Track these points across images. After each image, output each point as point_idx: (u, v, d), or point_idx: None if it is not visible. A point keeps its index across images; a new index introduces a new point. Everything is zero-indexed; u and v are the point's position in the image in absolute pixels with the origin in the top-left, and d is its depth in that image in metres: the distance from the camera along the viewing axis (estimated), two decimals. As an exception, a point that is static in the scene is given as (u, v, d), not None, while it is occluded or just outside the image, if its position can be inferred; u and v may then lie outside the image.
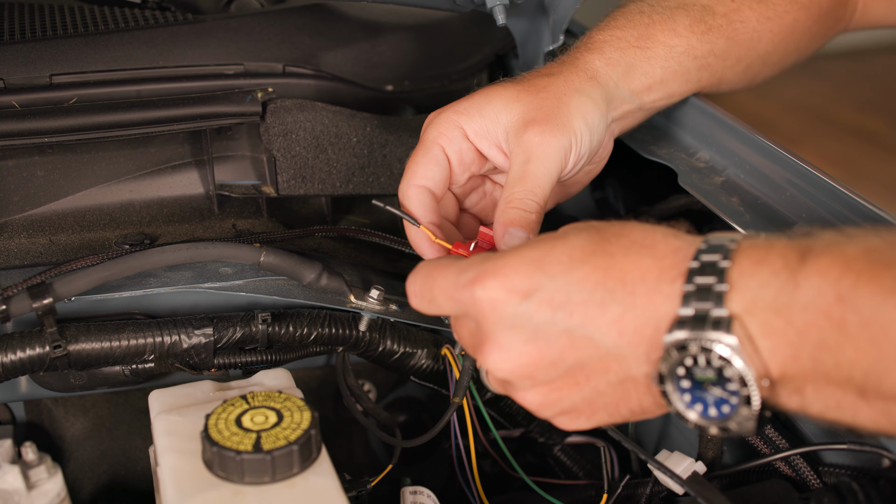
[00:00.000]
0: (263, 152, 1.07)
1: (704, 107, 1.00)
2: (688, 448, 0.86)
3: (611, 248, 0.63)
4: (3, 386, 0.92)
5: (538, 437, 1.03)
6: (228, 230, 1.05)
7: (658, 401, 0.63)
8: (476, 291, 0.65)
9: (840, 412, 0.56)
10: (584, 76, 0.88)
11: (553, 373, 0.64)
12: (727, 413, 0.59)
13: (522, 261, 0.64)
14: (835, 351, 0.54)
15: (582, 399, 0.65)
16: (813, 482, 0.77)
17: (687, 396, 0.60)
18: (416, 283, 0.72)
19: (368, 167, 1.09)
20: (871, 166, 3.64)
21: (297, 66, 1.10)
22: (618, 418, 0.67)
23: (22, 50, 1.03)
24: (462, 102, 0.86)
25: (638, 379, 0.63)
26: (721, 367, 0.58)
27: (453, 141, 0.85)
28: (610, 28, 0.93)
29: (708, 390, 0.59)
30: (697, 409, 0.60)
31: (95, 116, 1.00)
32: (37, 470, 0.72)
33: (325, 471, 0.72)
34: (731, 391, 0.58)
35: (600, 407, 0.66)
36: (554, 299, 0.62)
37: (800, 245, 0.57)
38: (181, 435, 0.76)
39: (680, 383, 0.60)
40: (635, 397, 0.64)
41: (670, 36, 0.93)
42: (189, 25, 1.11)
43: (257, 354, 0.94)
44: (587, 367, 0.63)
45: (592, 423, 0.68)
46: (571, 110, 0.84)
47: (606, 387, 0.64)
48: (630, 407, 0.65)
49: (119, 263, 0.87)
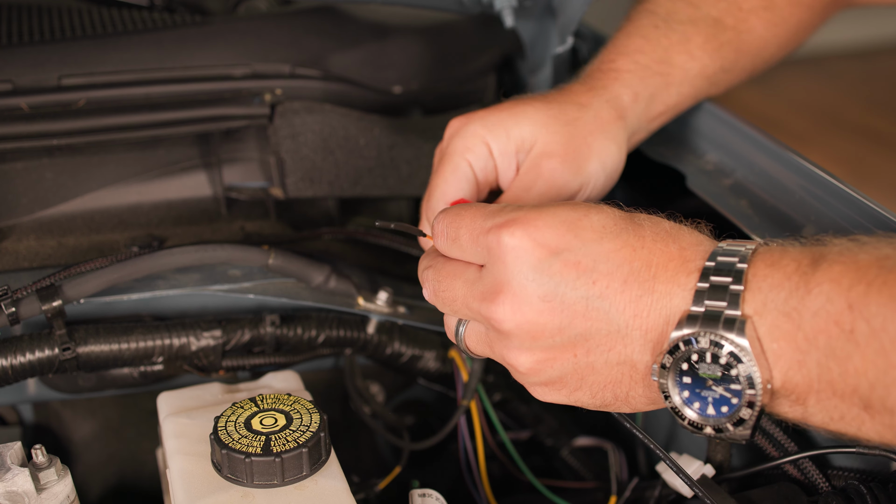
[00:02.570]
0: (271, 154, 1.07)
1: (713, 109, 1.00)
2: (696, 451, 0.85)
3: (642, 230, 0.63)
4: (12, 388, 0.92)
5: (546, 439, 1.03)
6: (237, 232, 1.05)
7: (650, 394, 0.63)
8: (503, 236, 0.63)
9: (843, 424, 0.56)
10: (613, 114, 0.88)
11: (557, 339, 0.63)
12: (725, 413, 0.59)
13: (556, 218, 0.63)
14: (842, 359, 0.54)
15: (573, 370, 0.64)
16: (822, 485, 0.77)
17: (686, 393, 0.60)
18: (443, 222, 0.69)
19: (376, 169, 1.09)
20: (880, 166, 3.63)
21: (305, 68, 1.10)
22: (597, 402, 0.65)
23: (31, 52, 1.04)
24: (489, 116, 0.85)
25: (637, 366, 0.62)
26: (728, 364, 0.57)
27: (480, 158, 0.85)
28: (631, 52, 0.93)
29: (710, 388, 0.59)
30: (695, 407, 0.60)
31: (104, 118, 1.00)
32: (46, 472, 0.72)
33: (334, 473, 0.72)
34: (734, 391, 0.58)
35: (587, 384, 0.64)
36: (581, 263, 0.61)
37: (813, 251, 0.57)
38: (190, 437, 0.76)
39: (682, 378, 0.59)
40: (626, 384, 0.63)
41: (687, 59, 0.94)
42: (197, 27, 1.12)
43: (266, 356, 0.94)
44: (591, 341, 0.62)
45: (569, 400, 0.66)
46: (593, 152, 0.85)
47: (603, 365, 0.63)
48: (616, 393, 0.64)
49: (128, 266, 0.87)
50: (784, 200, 0.89)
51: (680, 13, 0.97)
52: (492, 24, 1.23)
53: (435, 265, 0.70)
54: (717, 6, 0.97)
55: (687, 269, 0.60)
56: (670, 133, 1.05)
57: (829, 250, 0.57)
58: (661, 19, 0.96)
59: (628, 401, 0.64)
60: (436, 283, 0.69)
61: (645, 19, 0.97)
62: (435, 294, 0.70)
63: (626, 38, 0.96)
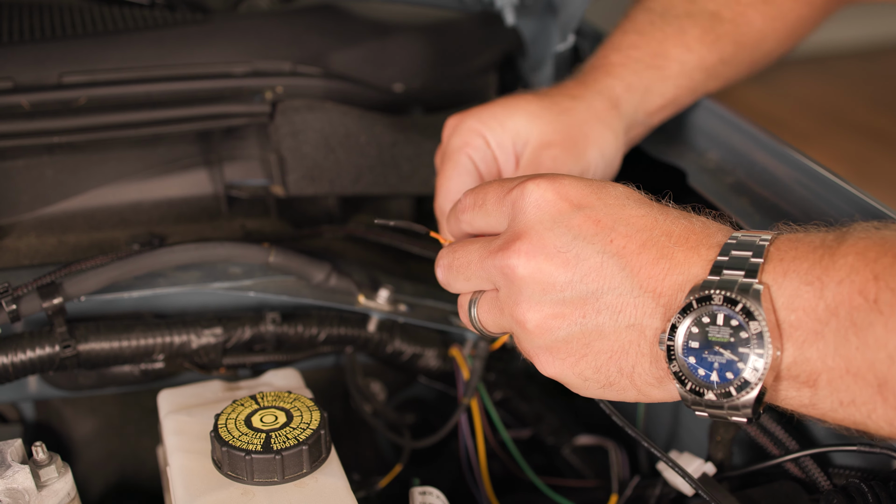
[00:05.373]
0: (272, 152, 1.07)
1: (714, 107, 1.00)
2: (697, 450, 0.85)
3: (665, 207, 0.64)
4: (13, 386, 0.92)
5: (547, 437, 1.03)
6: (237, 230, 1.05)
7: (656, 371, 0.61)
8: (528, 186, 0.64)
9: (853, 410, 0.54)
10: (606, 104, 0.89)
11: (567, 293, 0.62)
12: (730, 379, 0.57)
13: (581, 181, 0.65)
14: (863, 328, 0.53)
15: (580, 333, 0.62)
16: (823, 484, 0.77)
17: (692, 358, 0.59)
18: (471, 196, 0.70)
19: (377, 167, 1.09)
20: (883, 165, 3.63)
21: (306, 65, 1.10)
22: (601, 378, 0.63)
23: (32, 50, 1.03)
24: (483, 111, 0.86)
25: (645, 332, 0.61)
26: (739, 326, 0.57)
27: (479, 150, 0.86)
28: (625, 48, 0.94)
29: (718, 353, 0.58)
30: (700, 374, 0.59)
31: (105, 116, 1.00)
32: (47, 469, 0.72)
33: (335, 471, 0.72)
34: (742, 354, 0.57)
35: (593, 352, 0.62)
36: (601, 221, 0.62)
37: (836, 232, 0.57)
38: (191, 435, 0.76)
39: (689, 343, 0.58)
40: (633, 355, 0.62)
41: (683, 51, 0.94)
42: (198, 25, 1.12)
43: (266, 354, 0.94)
44: (602, 300, 0.61)
45: (573, 372, 0.64)
46: (590, 140, 0.86)
47: (612, 328, 0.62)
48: (621, 366, 0.62)
49: (129, 263, 0.87)
50: (786, 199, 0.89)
51: (676, 8, 0.97)
52: (493, 21, 1.23)
53: (449, 246, 0.71)
54: (714, 1, 0.97)
55: (708, 243, 0.60)
56: (671, 131, 1.04)
57: (852, 229, 0.57)
58: (657, 15, 0.96)
59: (633, 378, 0.62)
60: (450, 257, 0.70)
61: (641, 16, 0.97)
62: (449, 267, 0.70)
63: (621, 35, 0.96)
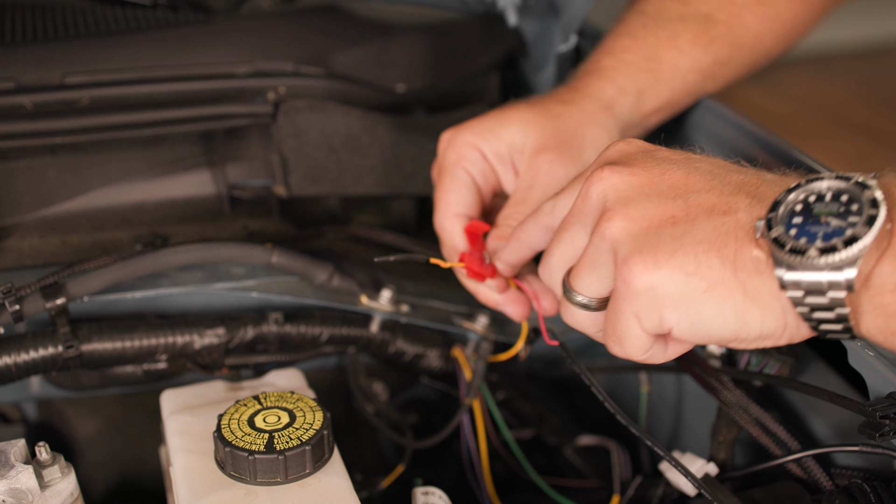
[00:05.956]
0: (275, 152, 1.07)
1: (714, 106, 1.00)
2: (699, 450, 0.85)
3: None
4: (16, 386, 0.92)
5: (549, 437, 1.03)
6: (240, 230, 1.05)
7: (757, 252, 0.57)
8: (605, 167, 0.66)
9: None
10: (598, 106, 0.89)
11: (668, 194, 0.61)
12: (836, 236, 0.54)
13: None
14: None
15: (677, 231, 0.59)
16: (825, 484, 0.77)
17: (793, 230, 0.56)
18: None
19: (379, 167, 1.09)
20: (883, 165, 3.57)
21: (308, 66, 1.10)
22: (704, 271, 0.58)
23: (34, 50, 1.04)
24: (476, 124, 0.86)
25: (745, 224, 0.58)
26: (851, 198, 0.55)
27: (475, 163, 0.86)
28: (617, 52, 0.94)
29: (823, 224, 0.55)
30: (802, 241, 0.55)
31: (107, 116, 1.00)
32: (50, 469, 0.72)
33: (338, 471, 0.72)
34: (852, 223, 0.54)
35: (691, 242, 0.58)
36: (690, 157, 0.65)
37: None
38: (193, 435, 0.76)
39: (792, 219, 0.56)
40: (733, 244, 0.58)
41: (676, 55, 0.94)
42: (200, 26, 1.12)
43: (269, 355, 0.94)
44: (691, 200, 0.60)
45: (668, 266, 0.58)
46: (586, 142, 0.86)
47: (707, 223, 0.59)
48: (723, 254, 0.58)
49: (131, 264, 0.87)
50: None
51: (669, 11, 0.97)
52: (495, 22, 1.23)
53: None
54: (708, 3, 0.97)
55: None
56: (671, 131, 1.04)
57: None
58: (650, 18, 0.96)
59: (735, 268, 0.57)
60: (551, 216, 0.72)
61: (634, 19, 0.97)
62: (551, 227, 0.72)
63: (614, 39, 0.96)
